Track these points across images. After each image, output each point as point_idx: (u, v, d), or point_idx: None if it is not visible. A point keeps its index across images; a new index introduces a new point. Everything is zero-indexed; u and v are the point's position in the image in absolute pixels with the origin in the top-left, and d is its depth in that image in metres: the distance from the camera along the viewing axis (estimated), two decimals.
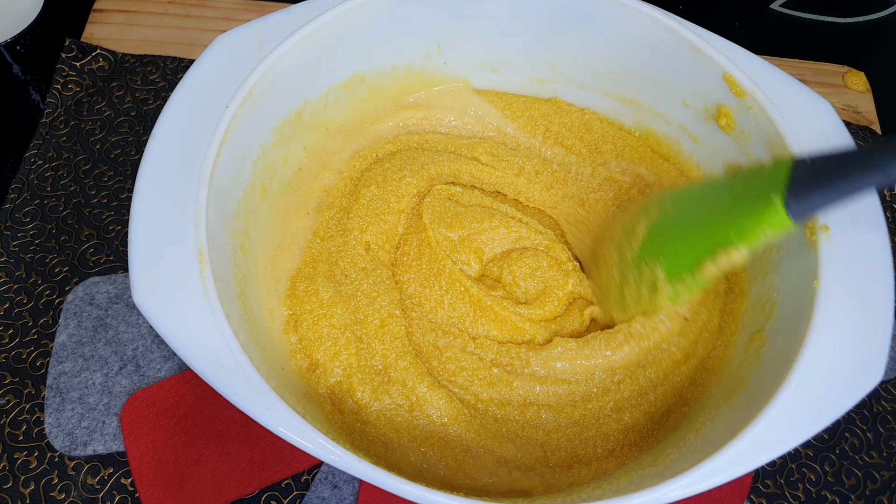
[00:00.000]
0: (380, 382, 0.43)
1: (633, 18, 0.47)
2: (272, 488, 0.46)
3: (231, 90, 0.42)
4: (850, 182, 0.30)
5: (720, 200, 0.38)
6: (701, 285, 0.38)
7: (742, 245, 0.35)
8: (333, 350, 0.43)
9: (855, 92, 0.68)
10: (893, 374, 0.52)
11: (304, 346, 0.44)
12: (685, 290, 0.38)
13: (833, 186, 0.31)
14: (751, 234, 0.34)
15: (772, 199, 0.33)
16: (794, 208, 0.32)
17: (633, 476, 0.38)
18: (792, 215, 0.32)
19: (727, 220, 0.36)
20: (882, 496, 0.49)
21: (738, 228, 0.35)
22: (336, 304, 0.44)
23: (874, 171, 0.30)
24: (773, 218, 0.33)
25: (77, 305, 0.50)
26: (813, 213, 0.33)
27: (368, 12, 0.46)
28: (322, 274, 0.46)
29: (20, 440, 0.47)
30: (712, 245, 0.36)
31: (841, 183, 0.31)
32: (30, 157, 0.57)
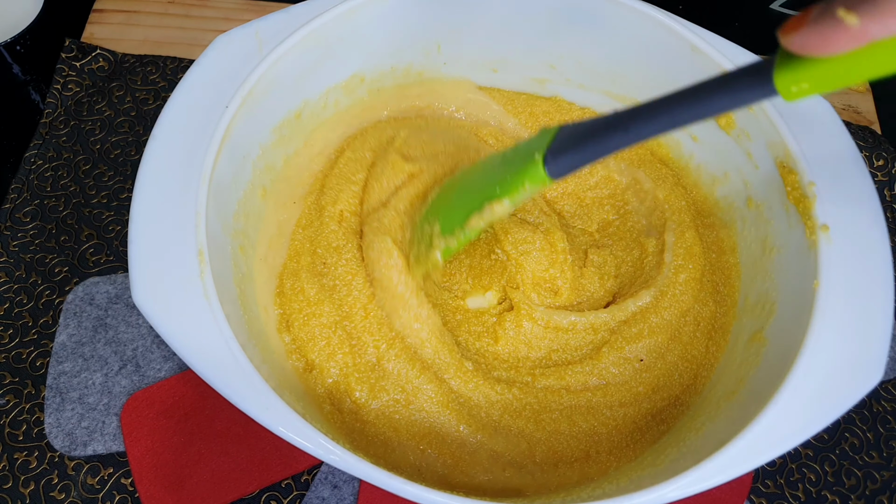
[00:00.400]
0: (376, 379, 0.43)
1: (633, 18, 0.47)
2: (272, 488, 0.46)
3: (231, 90, 0.42)
4: (598, 143, 0.33)
5: (494, 165, 0.41)
6: (468, 238, 0.41)
7: (505, 197, 0.38)
8: (327, 350, 0.43)
9: (855, 92, 0.68)
10: (893, 374, 0.52)
11: (298, 347, 0.44)
12: (455, 242, 0.41)
13: (584, 147, 0.34)
14: (514, 188, 0.37)
15: (533, 157, 0.36)
16: (551, 165, 0.35)
17: (633, 476, 0.38)
18: (549, 171, 0.35)
19: (495, 179, 0.39)
20: (882, 496, 0.49)
21: (504, 183, 0.38)
22: (322, 301, 0.44)
23: (617, 131, 0.32)
24: (533, 173, 0.36)
25: (77, 305, 0.50)
26: (568, 170, 0.35)
27: (368, 12, 0.46)
28: (305, 268, 0.46)
29: (20, 440, 0.47)
30: (481, 199, 0.39)
31: (591, 144, 0.33)
32: (30, 157, 0.57)
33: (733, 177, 0.48)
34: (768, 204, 0.45)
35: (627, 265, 0.50)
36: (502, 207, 0.38)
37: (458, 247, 0.41)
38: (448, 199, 0.43)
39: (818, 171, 0.41)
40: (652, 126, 0.31)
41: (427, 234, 0.43)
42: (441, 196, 0.44)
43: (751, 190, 0.47)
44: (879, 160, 0.62)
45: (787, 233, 0.43)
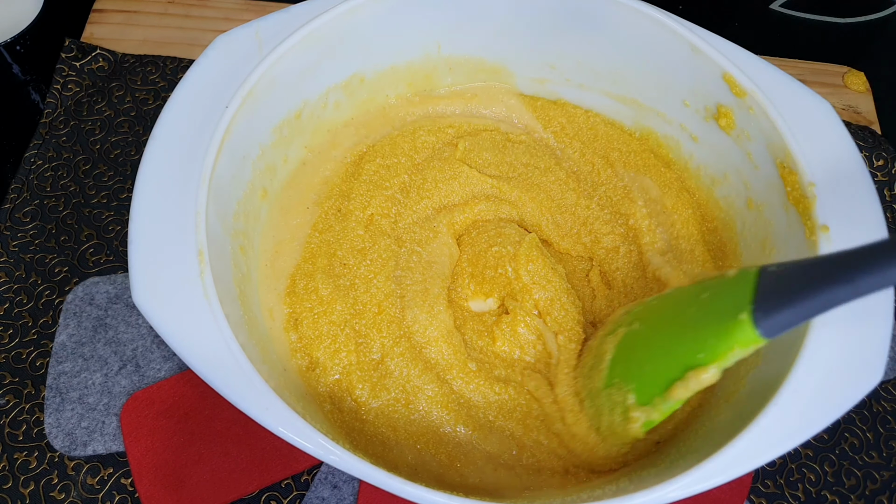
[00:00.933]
0: (378, 377, 0.43)
1: (633, 18, 0.47)
2: (272, 488, 0.46)
3: (231, 90, 0.42)
4: (820, 299, 0.29)
5: (687, 317, 0.35)
6: (672, 409, 0.35)
7: (712, 366, 0.33)
8: (333, 348, 0.43)
9: (855, 92, 0.68)
10: (893, 374, 0.52)
11: (304, 345, 0.44)
12: (657, 414, 0.36)
13: (803, 302, 0.29)
14: (721, 355, 0.32)
15: (739, 317, 0.31)
16: (763, 325, 0.30)
17: (633, 476, 0.38)
18: (762, 333, 0.31)
19: (695, 339, 0.34)
20: (882, 496, 0.49)
21: (707, 348, 0.33)
22: (335, 300, 0.45)
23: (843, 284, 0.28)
24: (742, 336, 0.31)
25: (77, 305, 0.50)
26: (786, 329, 0.30)
27: (368, 12, 0.46)
28: (321, 270, 0.46)
29: (20, 440, 0.47)
30: (682, 366, 0.34)
31: (811, 299, 0.29)
32: (30, 157, 0.57)
33: (733, 177, 0.48)
34: (768, 204, 0.45)
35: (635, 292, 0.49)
36: (709, 377, 0.33)
37: (661, 418, 0.36)
38: (634, 359, 0.38)
39: (818, 172, 0.41)
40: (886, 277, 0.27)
41: (619, 403, 0.37)
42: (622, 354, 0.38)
43: (751, 190, 0.47)
44: (879, 160, 0.62)
45: (787, 233, 0.43)
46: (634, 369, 0.37)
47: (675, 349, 0.35)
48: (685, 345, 0.34)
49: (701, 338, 0.33)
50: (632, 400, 0.36)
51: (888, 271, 0.27)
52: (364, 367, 0.43)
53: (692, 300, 0.35)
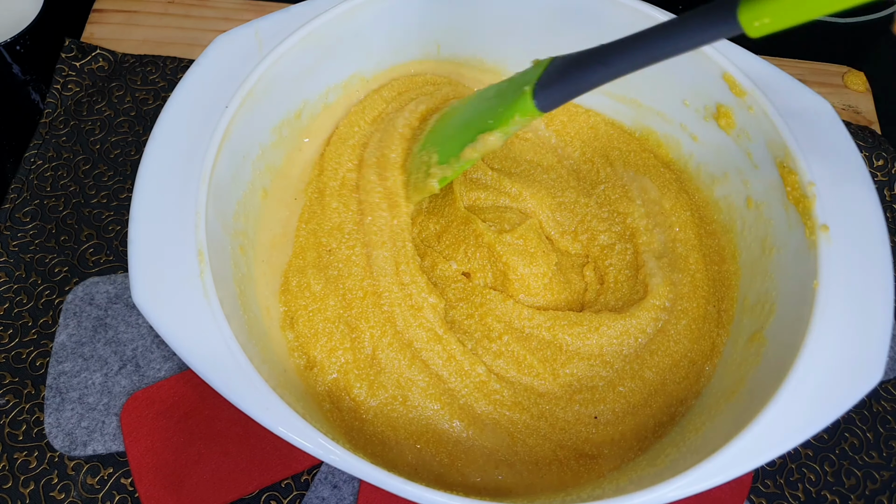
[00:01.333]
0: (375, 374, 0.43)
1: (633, 18, 0.47)
2: (272, 488, 0.46)
3: (231, 90, 0.42)
4: (583, 76, 0.35)
5: (488, 96, 0.42)
6: (462, 168, 0.43)
7: (497, 130, 0.39)
8: (329, 346, 0.43)
9: (855, 92, 0.68)
10: (893, 374, 0.52)
11: (301, 344, 0.44)
12: (450, 171, 0.43)
13: (570, 80, 0.35)
14: (505, 120, 0.39)
15: (523, 90, 0.37)
16: (540, 97, 0.37)
17: (633, 476, 0.38)
18: (538, 104, 0.37)
19: (489, 110, 0.41)
20: (882, 496, 0.49)
21: (496, 116, 0.39)
22: (328, 294, 0.45)
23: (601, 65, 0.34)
24: (523, 106, 0.37)
25: (77, 305, 0.50)
26: (555, 103, 0.37)
27: (368, 12, 0.46)
28: (311, 264, 0.46)
29: (20, 440, 0.47)
30: (475, 132, 0.41)
31: (576, 77, 0.35)
32: (29, 157, 0.57)
33: (733, 177, 0.48)
34: (768, 204, 0.45)
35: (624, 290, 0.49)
36: (494, 139, 0.40)
37: (453, 176, 0.43)
38: (445, 129, 0.45)
39: (818, 172, 0.41)
40: (630, 60, 0.33)
41: (425, 162, 0.44)
42: (437, 126, 0.46)
43: (750, 190, 0.47)
44: (879, 160, 0.62)
45: (786, 233, 0.43)
46: (441, 136, 0.44)
47: (473, 120, 0.42)
48: (481, 115, 0.41)
49: (493, 108, 0.40)
50: (434, 160, 0.43)
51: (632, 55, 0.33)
52: (360, 365, 0.43)
53: (499, 85, 0.42)
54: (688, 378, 0.45)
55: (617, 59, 0.34)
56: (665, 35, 0.32)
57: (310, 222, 0.48)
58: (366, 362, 0.43)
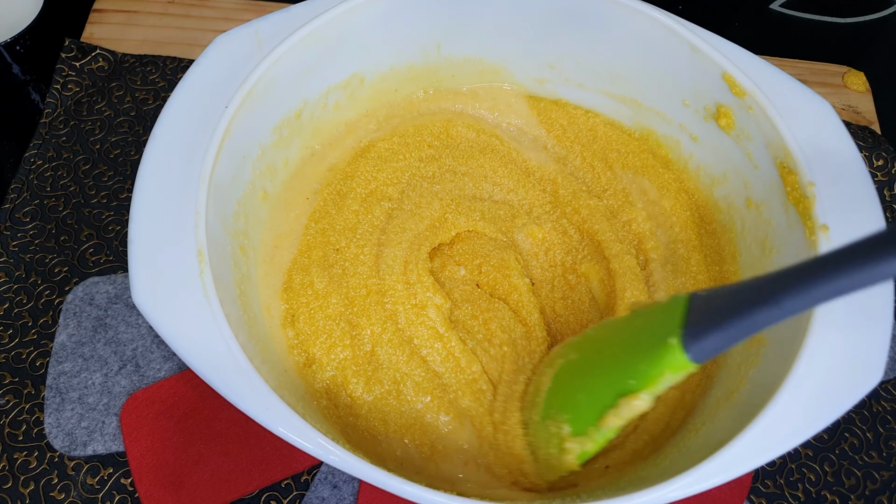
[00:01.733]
0: (372, 370, 0.43)
1: (632, 18, 0.47)
2: (272, 488, 0.46)
3: (231, 90, 0.42)
4: (747, 321, 0.29)
5: (619, 344, 0.36)
6: (606, 438, 0.35)
7: (643, 392, 0.33)
8: (328, 343, 0.44)
9: (855, 92, 0.68)
10: (893, 374, 0.52)
11: (300, 342, 0.44)
12: (591, 444, 0.36)
13: (730, 326, 0.29)
14: (651, 380, 0.32)
15: (668, 342, 0.31)
16: (693, 350, 0.30)
17: (633, 476, 0.38)
18: (692, 357, 0.31)
19: (627, 365, 0.34)
20: (882, 496, 0.49)
21: (639, 374, 0.32)
22: (330, 293, 0.45)
23: (768, 306, 0.28)
24: (672, 361, 0.31)
25: (77, 305, 0.50)
26: (715, 353, 0.31)
27: (368, 12, 0.46)
28: (316, 262, 0.46)
29: (20, 440, 0.47)
30: (614, 394, 0.34)
31: (737, 322, 0.29)
32: (29, 157, 0.57)
33: (733, 177, 0.48)
34: (768, 204, 0.45)
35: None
36: (642, 403, 0.33)
37: (596, 449, 0.36)
38: (568, 391, 0.37)
39: (818, 172, 0.41)
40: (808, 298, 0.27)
41: (555, 434, 0.37)
42: (558, 385, 0.39)
43: (750, 190, 0.47)
44: (879, 160, 0.62)
45: (786, 233, 0.43)
46: (569, 399, 0.37)
47: (608, 377, 0.35)
48: (617, 372, 0.34)
49: (632, 364, 0.33)
50: (567, 430, 0.36)
51: (810, 292, 0.27)
52: (358, 362, 0.43)
53: (626, 327, 0.35)
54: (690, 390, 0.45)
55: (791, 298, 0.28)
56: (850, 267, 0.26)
57: (320, 221, 0.48)
58: (364, 359, 0.44)
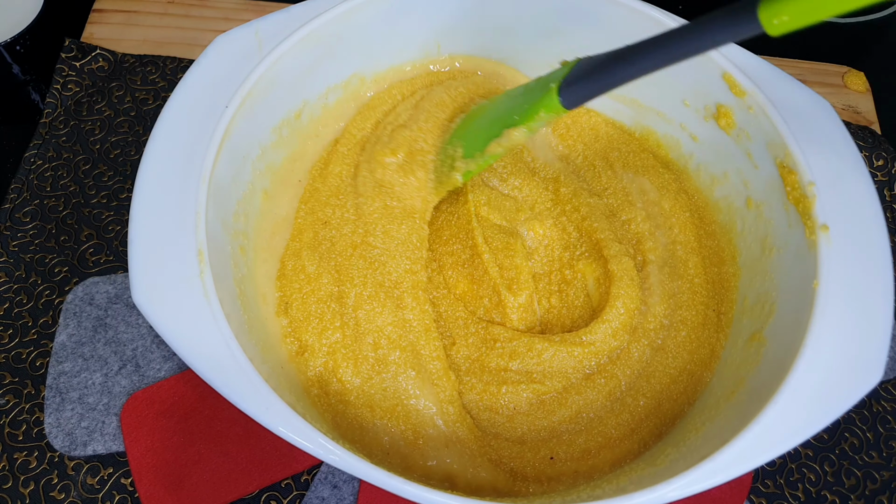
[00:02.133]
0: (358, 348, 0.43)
1: (632, 18, 0.47)
2: (272, 488, 0.46)
3: (231, 90, 0.42)
4: (607, 74, 0.36)
5: (516, 93, 0.43)
6: (487, 163, 0.43)
7: (522, 126, 0.40)
8: (320, 327, 0.44)
9: (855, 92, 0.68)
10: (893, 374, 0.52)
11: (293, 329, 0.44)
12: (474, 165, 0.44)
13: (595, 78, 0.36)
14: (529, 116, 0.40)
15: (549, 87, 0.38)
16: (565, 94, 0.38)
17: (633, 476, 0.38)
18: (563, 101, 0.38)
19: (515, 106, 0.41)
20: (882, 496, 0.49)
21: (522, 111, 0.40)
22: (321, 274, 0.45)
23: (625, 63, 0.35)
24: (548, 102, 0.38)
25: (77, 305, 0.50)
26: (580, 100, 0.38)
27: (368, 12, 0.46)
28: (307, 245, 0.47)
29: (20, 440, 0.47)
30: (501, 127, 0.42)
31: (601, 75, 0.36)
32: (29, 157, 0.57)
33: (733, 177, 0.48)
34: (768, 204, 0.45)
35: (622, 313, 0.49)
36: (518, 134, 0.41)
37: (477, 170, 0.44)
38: (472, 125, 0.46)
39: (818, 171, 0.41)
40: (653, 59, 0.34)
41: (450, 156, 0.45)
42: (465, 122, 0.47)
43: (750, 190, 0.47)
44: (879, 160, 0.62)
45: (786, 233, 0.43)
46: (468, 132, 0.45)
47: (500, 116, 0.43)
48: (507, 112, 0.42)
49: (519, 104, 0.41)
50: (460, 153, 0.45)
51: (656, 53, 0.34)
52: (347, 344, 0.44)
53: (527, 84, 0.42)
54: (685, 392, 0.45)
55: (640, 58, 0.35)
56: (687, 35, 0.33)
57: (309, 201, 0.49)
58: (352, 338, 0.44)
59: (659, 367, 0.45)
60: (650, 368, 0.45)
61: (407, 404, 0.43)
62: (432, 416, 0.43)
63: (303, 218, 0.48)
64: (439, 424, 0.42)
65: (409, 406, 0.43)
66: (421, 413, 0.43)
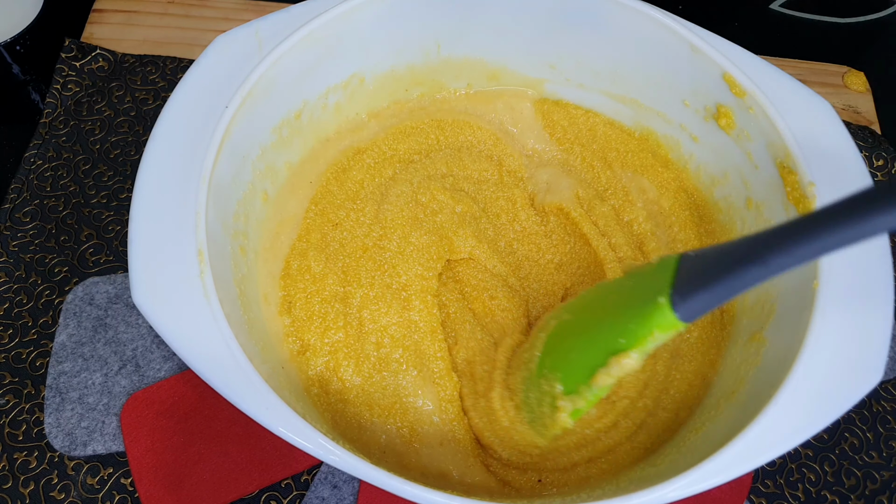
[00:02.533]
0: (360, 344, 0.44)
1: (632, 18, 0.47)
2: (272, 488, 0.46)
3: (231, 90, 0.42)
4: (733, 280, 0.29)
5: (611, 304, 0.36)
6: (597, 397, 0.36)
7: (633, 351, 0.33)
8: (323, 327, 0.44)
9: (855, 92, 0.68)
10: (893, 374, 0.52)
11: (296, 329, 0.44)
12: (583, 402, 0.36)
13: (717, 284, 0.29)
14: (640, 339, 0.32)
15: (657, 301, 0.31)
16: (681, 309, 0.31)
17: (633, 476, 0.38)
18: (680, 316, 0.31)
19: (617, 325, 0.34)
20: (882, 496, 0.49)
21: (628, 333, 0.33)
22: (327, 274, 0.45)
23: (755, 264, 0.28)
24: (661, 320, 0.31)
25: (77, 305, 0.50)
26: (703, 312, 0.31)
27: (368, 12, 0.46)
28: (314, 245, 0.47)
29: (20, 440, 0.47)
30: (605, 353, 0.34)
31: (725, 280, 0.29)
32: (29, 157, 0.57)
33: (733, 177, 0.48)
34: (768, 204, 0.45)
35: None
36: (631, 362, 0.33)
37: (587, 407, 0.36)
38: (560, 351, 0.38)
39: (818, 172, 0.41)
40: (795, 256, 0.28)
41: (547, 393, 0.37)
42: (552, 344, 0.39)
43: (750, 190, 0.47)
44: (879, 160, 0.62)
45: None
46: (562, 359, 0.37)
47: (599, 337, 0.35)
48: (608, 331, 0.34)
49: (622, 323, 0.33)
50: (559, 389, 0.36)
51: (796, 249, 0.27)
52: (350, 343, 0.44)
53: (618, 288, 0.36)
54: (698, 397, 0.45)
55: (776, 255, 0.28)
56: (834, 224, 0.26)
57: (320, 203, 0.49)
58: (354, 336, 0.44)
59: (678, 376, 0.45)
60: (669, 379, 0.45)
61: (406, 402, 0.43)
62: (430, 413, 0.43)
63: (312, 219, 0.48)
64: (436, 422, 0.42)
65: (408, 404, 0.43)
66: (419, 411, 0.43)
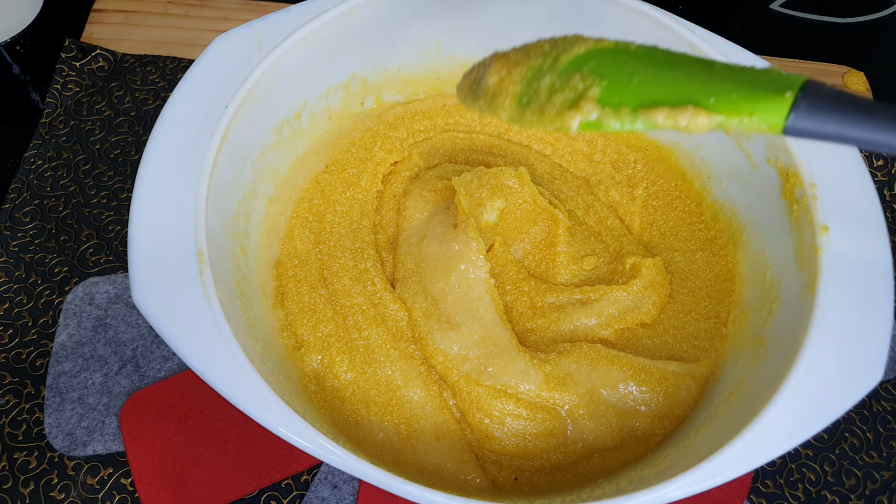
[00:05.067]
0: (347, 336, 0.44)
1: (633, 18, 0.47)
2: (272, 488, 0.46)
3: (231, 90, 0.42)
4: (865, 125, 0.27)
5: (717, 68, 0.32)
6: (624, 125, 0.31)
7: (718, 114, 0.29)
8: (314, 319, 0.44)
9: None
10: (893, 374, 0.52)
11: (289, 322, 0.45)
12: (613, 121, 0.31)
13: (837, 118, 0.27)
14: (735, 111, 0.29)
15: (783, 94, 0.28)
16: (797, 114, 0.28)
17: (633, 476, 0.38)
18: (791, 121, 0.28)
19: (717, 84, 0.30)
20: (882, 496, 0.49)
21: (724, 98, 0.30)
22: (310, 251, 0.47)
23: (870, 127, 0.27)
24: (771, 109, 0.28)
25: (77, 305, 0.50)
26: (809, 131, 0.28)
27: (368, 12, 0.46)
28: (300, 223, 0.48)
29: (20, 440, 0.47)
30: (683, 97, 0.30)
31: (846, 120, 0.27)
32: (29, 157, 0.57)
33: (733, 177, 0.48)
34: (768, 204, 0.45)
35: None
36: (704, 121, 0.29)
37: (599, 127, 0.31)
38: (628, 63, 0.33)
39: (818, 172, 0.41)
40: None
41: (573, 87, 0.32)
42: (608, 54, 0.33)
43: (750, 191, 0.47)
44: (879, 160, 0.62)
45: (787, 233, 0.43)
46: (618, 70, 0.32)
47: (685, 83, 0.31)
48: (700, 84, 0.31)
49: (725, 88, 0.30)
50: (594, 92, 0.31)
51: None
52: (341, 337, 0.44)
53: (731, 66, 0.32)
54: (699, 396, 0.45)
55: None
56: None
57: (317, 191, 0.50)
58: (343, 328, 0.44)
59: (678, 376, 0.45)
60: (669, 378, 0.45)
61: (400, 395, 0.43)
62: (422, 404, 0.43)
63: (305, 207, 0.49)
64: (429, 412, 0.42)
65: (403, 397, 0.43)
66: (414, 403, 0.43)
